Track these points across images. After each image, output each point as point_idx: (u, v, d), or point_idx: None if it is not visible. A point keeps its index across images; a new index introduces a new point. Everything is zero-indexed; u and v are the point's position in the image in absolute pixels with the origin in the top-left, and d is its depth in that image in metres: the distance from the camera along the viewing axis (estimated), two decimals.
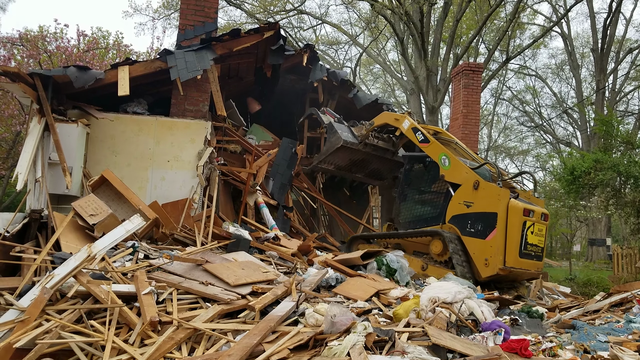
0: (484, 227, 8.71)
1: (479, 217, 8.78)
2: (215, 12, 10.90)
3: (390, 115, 10.83)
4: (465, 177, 9.12)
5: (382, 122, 10.82)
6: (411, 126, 10.12)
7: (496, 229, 8.54)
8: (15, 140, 16.45)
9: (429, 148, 9.74)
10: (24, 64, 16.27)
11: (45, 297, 4.99)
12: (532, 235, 8.74)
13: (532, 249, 8.78)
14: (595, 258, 27.14)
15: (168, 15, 28.84)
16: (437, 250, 9.24)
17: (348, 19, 40.20)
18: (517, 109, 42.31)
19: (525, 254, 8.67)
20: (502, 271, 8.47)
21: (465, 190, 9.07)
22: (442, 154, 9.50)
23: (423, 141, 9.81)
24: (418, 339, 4.83)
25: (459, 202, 9.10)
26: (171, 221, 8.16)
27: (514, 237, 8.54)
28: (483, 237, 8.69)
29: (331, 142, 10.97)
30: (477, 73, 16.21)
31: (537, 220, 8.79)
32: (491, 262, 8.53)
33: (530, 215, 8.69)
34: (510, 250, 8.53)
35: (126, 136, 9.23)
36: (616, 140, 15.27)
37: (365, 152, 11.14)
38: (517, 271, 8.62)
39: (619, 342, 5.28)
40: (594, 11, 30.20)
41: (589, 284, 14.41)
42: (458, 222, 9.08)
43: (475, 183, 8.89)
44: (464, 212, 8.99)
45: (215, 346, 4.71)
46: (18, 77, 8.05)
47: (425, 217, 9.91)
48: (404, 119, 10.39)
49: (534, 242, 8.78)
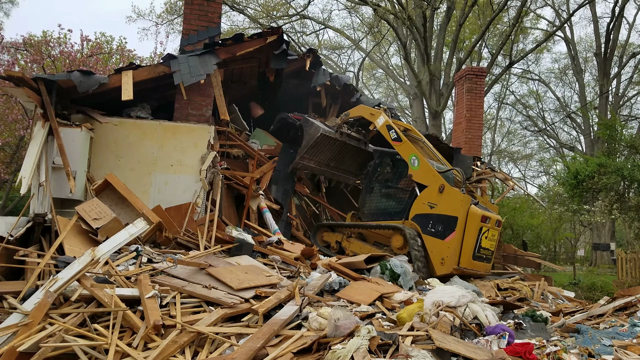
0: (443, 229, 9.23)
1: (441, 219, 9.29)
2: (219, 17, 10.93)
3: (367, 109, 11.06)
4: (432, 179, 9.54)
5: (357, 115, 11.08)
6: (385, 123, 10.40)
7: (455, 231, 9.09)
8: (19, 144, 16.49)
9: (400, 147, 10.09)
10: (28, 69, 16.32)
11: (49, 301, 4.98)
12: (486, 240, 9.38)
13: (485, 253, 9.44)
14: (599, 263, 27.05)
15: (171, 21, 28.97)
16: (397, 244, 9.70)
17: (351, 23, 40.39)
18: (521, 114, 42.30)
19: (478, 256, 9.31)
20: (456, 271, 9.04)
21: (430, 192, 9.51)
22: (413, 154, 9.87)
23: (396, 139, 10.15)
24: (422, 342, 4.81)
25: (424, 203, 9.56)
26: (174, 225, 8.17)
27: (470, 241, 9.15)
28: (442, 238, 9.21)
29: (310, 135, 11.08)
30: (480, 77, 16.21)
31: (492, 226, 9.44)
32: (447, 262, 9.06)
33: (487, 221, 9.31)
34: (465, 253, 9.14)
35: (130, 140, 9.24)
36: (620, 145, 15.26)
37: (342, 142, 11.34)
38: (468, 272, 9.23)
39: (624, 346, 5.26)
40: (597, 16, 30.25)
41: (593, 288, 14.38)
42: (420, 221, 9.55)
43: (441, 187, 9.35)
44: (427, 213, 9.48)
45: (219, 350, 4.71)
46: (22, 81, 8.07)
47: (389, 211, 10.41)
48: (380, 114, 10.61)
49: (487, 246, 9.45)
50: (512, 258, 12.92)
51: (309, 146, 11.05)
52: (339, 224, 11.13)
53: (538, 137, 42.34)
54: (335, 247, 10.71)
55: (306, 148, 11.09)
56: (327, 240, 10.91)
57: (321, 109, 13.85)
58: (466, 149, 15.17)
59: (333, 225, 11.16)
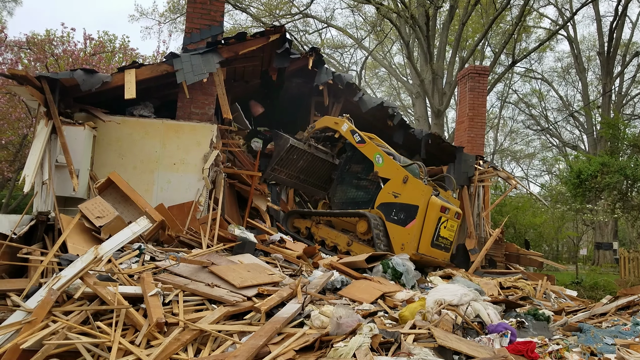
0: (405, 217, 9.86)
1: (403, 207, 9.93)
2: (222, 16, 10.92)
3: (331, 119, 11.72)
4: (396, 172, 10.24)
5: (322, 125, 11.75)
6: (349, 129, 11.16)
7: (415, 219, 9.72)
8: (22, 143, 16.52)
9: (365, 148, 10.86)
10: (31, 68, 16.35)
11: (52, 299, 5.00)
12: (445, 229, 9.98)
13: (443, 241, 10.03)
14: (602, 262, 27.01)
15: (174, 19, 28.98)
16: (362, 229, 10.23)
17: (354, 22, 40.33)
18: (523, 112, 42.23)
19: (437, 244, 9.91)
20: (415, 256, 9.48)
21: (394, 183, 10.18)
22: (377, 153, 10.61)
23: (360, 142, 10.94)
24: (424, 340, 4.81)
25: (388, 192, 10.21)
26: (177, 223, 8.18)
27: (429, 229, 9.76)
28: (403, 225, 9.83)
29: (280, 146, 11.57)
30: (483, 76, 16.16)
31: (451, 217, 10.06)
32: (407, 247, 9.65)
33: (446, 212, 9.93)
34: (424, 240, 9.75)
35: (133, 139, 9.26)
36: (623, 144, 15.23)
37: (311, 155, 11.85)
38: (427, 258, 9.79)
39: (626, 345, 5.26)
40: (600, 14, 30.20)
41: (596, 287, 14.35)
42: (384, 209, 10.19)
43: (405, 177, 10.03)
44: (391, 202, 10.13)
45: (221, 347, 4.72)
46: (25, 80, 8.08)
47: (357, 200, 11.04)
48: (343, 122, 11.35)
49: (445, 236, 10.02)
50: (514, 257, 12.91)
51: (279, 157, 11.50)
52: (309, 212, 11.63)
53: (541, 136, 42.31)
54: (304, 232, 11.24)
55: (276, 159, 11.55)
56: (297, 227, 11.43)
57: (324, 108, 13.84)
58: (469, 147, 15.15)
59: (303, 213, 11.64)
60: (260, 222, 10.44)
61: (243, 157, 11.42)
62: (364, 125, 13.49)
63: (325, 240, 10.81)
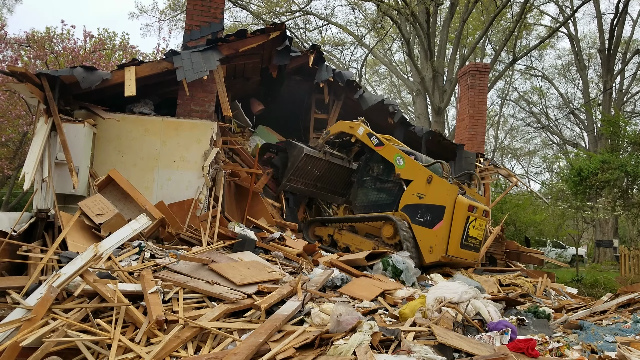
0: (432, 218, 9.47)
1: (429, 208, 9.55)
2: (222, 13, 10.90)
3: (345, 123, 11.32)
4: (419, 173, 9.82)
5: (337, 131, 11.37)
6: (366, 132, 10.76)
7: (443, 220, 9.32)
8: (22, 140, 16.52)
9: (383, 150, 10.44)
10: (31, 65, 16.34)
11: (52, 296, 5.00)
12: (473, 229, 9.60)
13: (472, 241, 9.66)
14: (602, 259, 26.98)
15: (174, 17, 28.92)
16: (388, 234, 9.88)
17: (354, 19, 40.18)
18: (524, 110, 42.19)
19: (466, 245, 9.52)
20: (444, 258, 9.30)
21: (418, 183, 9.78)
22: (397, 154, 10.19)
23: (378, 144, 10.51)
24: (424, 338, 4.81)
25: (412, 193, 9.81)
26: (177, 221, 8.17)
27: (457, 230, 9.37)
28: (430, 227, 9.44)
29: (294, 156, 11.32)
30: (484, 73, 16.15)
31: (479, 216, 9.65)
32: (435, 250, 9.28)
33: (474, 211, 9.53)
34: (453, 241, 9.36)
35: (132, 136, 9.25)
36: (623, 141, 15.21)
37: (327, 162, 11.58)
38: (456, 260, 9.47)
39: (627, 343, 5.25)
40: (601, 12, 30.09)
41: (596, 285, 14.35)
42: (409, 211, 9.79)
43: (429, 177, 9.61)
44: (416, 203, 9.73)
45: (221, 345, 4.72)
46: (25, 77, 8.07)
47: (379, 203, 10.62)
48: (359, 126, 10.96)
49: (474, 235, 9.66)
50: (514, 254, 12.91)
51: (294, 167, 11.27)
52: (330, 219, 11.32)
53: (541, 133, 42.27)
54: (327, 240, 10.91)
55: (292, 169, 11.31)
56: (318, 235, 11.12)
57: (324, 105, 13.83)
58: (469, 145, 15.15)
59: (324, 220, 11.32)
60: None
61: (245, 155, 11.39)
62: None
63: (349, 246, 10.39)
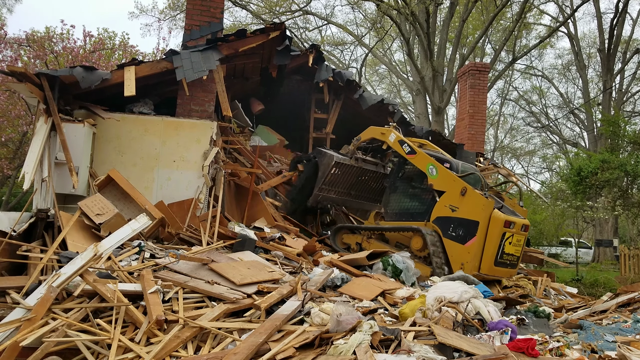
0: (464, 233, 8.91)
1: (462, 222, 8.97)
2: (221, 13, 10.91)
3: (376, 129, 10.92)
4: (453, 184, 9.23)
5: (368, 137, 10.97)
6: (397, 139, 10.25)
7: (476, 237, 8.74)
8: (22, 140, 16.53)
9: (415, 159, 9.87)
10: (31, 65, 16.35)
11: (52, 296, 5.00)
12: (510, 245, 8.94)
13: (508, 258, 9.02)
14: (602, 259, 26.98)
15: (174, 16, 28.93)
16: (417, 246, 9.39)
17: (354, 19, 40.15)
18: (524, 110, 42.21)
19: (501, 262, 8.90)
20: (476, 277, 8.53)
21: (452, 195, 9.21)
22: (429, 164, 9.62)
23: (410, 152, 9.95)
24: (424, 338, 4.81)
25: (445, 205, 9.25)
26: (177, 221, 8.17)
27: (491, 247, 8.76)
28: (462, 243, 8.90)
29: (324, 165, 10.91)
30: (484, 73, 16.17)
31: (517, 231, 8.98)
32: (466, 267, 8.72)
33: (510, 226, 8.87)
34: (487, 259, 8.77)
35: (132, 136, 9.25)
36: (623, 141, 15.22)
37: (359, 169, 11.18)
38: (490, 278, 8.87)
39: (627, 342, 5.24)
40: (601, 11, 30.09)
41: (596, 284, 14.33)
42: (441, 224, 9.24)
43: (463, 189, 9.02)
44: (449, 216, 9.16)
45: (221, 345, 4.72)
46: (25, 77, 8.07)
47: (411, 211, 10.08)
48: (390, 132, 10.47)
49: (511, 252, 9.00)
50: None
51: (325, 176, 10.84)
52: (359, 226, 10.81)
53: (541, 133, 42.28)
54: (355, 248, 10.41)
55: (323, 179, 10.87)
56: (347, 242, 10.65)
57: (324, 105, 13.84)
58: (469, 145, 15.15)
59: (353, 228, 10.79)
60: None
61: (247, 154, 11.38)
62: (364, 122, 13.48)
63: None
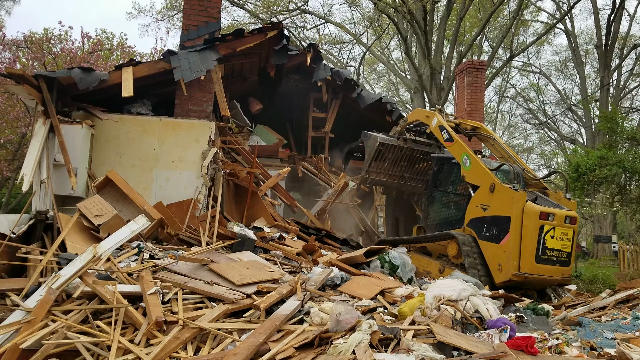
0: (498, 231, 8.45)
1: (494, 220, 8.54)
2: (219, 12, 10.91)
3: (422, 112, 10.67)
4: (484, 178, 8.86)
5: (414, 119, 10.73)
6: (438, 124, 9.82)
7: (510, 233, 8.24)
8: (21, 142, 16.51)
9: (452, 147, 9.51)
10: (29, 66, 16.33)
11: (51, 298, 5.00)
12: (553, 239, 8.35)
13: (554, 254, 8.37)
14: (601, 255, 27.03)
15: (171, 16, 28.89)
16: (453, 252, 9.05)
17: (351, 18, 40.10)
18: (521, 107, 42.17)
19: (544, 259, 8.28)
20: (516, 277, 8.18)
21: (482, 193, 8.84)
22: (464, 153, 9.21)
23: (448, 140, 9.57)
24: (423, 336, 4.82)
25: (476, 206, 8.90)
26: (176, 221, 8.17)
27: (529, 242, 8.22)
28: (497, 242, 8.44)
29: (370, 147, 10.70)
30: (481, 71, 16.18)
31: (559, 223, 8.37)
32: (504, 267, 8.23)
33: (549, 218, 8.30)
34: (526, 256, 8.20)
35: (130, 137, 9.25)
36: (621, 137, 15.23)
37: (410, 150, 10.88)
38: (534, 277, 8.27)
39: (626, 339, 5.26)
40: (598, 7, 30.07)
41: (595, 281, 14.35)
42: (475, 226, 8.87)
43: (491, 186, 8.63)
44: (481, 216, 8.77)
45: (221, 345, 4.73)
46: (23, 79, 8.08)
47: (450, 219, 9.74)
48: (434, 116, 10.12)
49: (556, 247, 8.39)
50: None
51: (371, 158, 10.69)
52: (400, 239, 10.42)
53: (539, 130, 42.23)
54: None
55: (369, 161, 10.72)
56: None
57: (322, 104, 13.84)
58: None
59: (395, 241, 10.32)
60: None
61: (245, 153, 11.36)
62: (362, 121, 13.50)
63: (417, 268, 9.08)
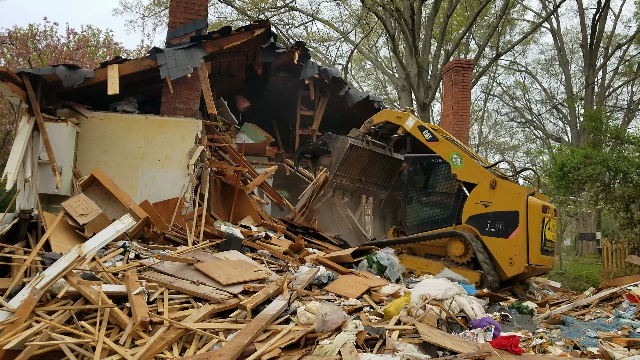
0: (505, 226, 8.60)
1: (499, 216, 8.65)
2: (205, 10, 10.85)
3: (392, 112, 10.38)
4: (480, 176, 8.95)
5: (382, 120, 10.35)
6: (417, 124, 9.73)
7: (519, 227, 8.46)
8: (5, 139, 16.35)
9: (438, 147, 9.48)
10: (14, 63, 16.17)
11: (35, 298, 4.97)
12: (549, 231, 8.78)
13: (550, 245, 8.85)
14: (585, 252, 27.29)
15: (158, 13, 28.71)
16: (457, 251, 9.00)
17: (339, 15, 40.20)
18: (507, 105, 42.42)
19: (545, 250, 8.69)
20: (527, 269, 8.45)
21: (481, 190, 8.89)
22: (453, 152, 9.26)
23: (431, 140, 9.50)
24: (409, 336, 4.84)
25: (476, 202, 8.92)
26: (162, 220, 8.13)
27: (535, 234, 8.53)
28: (505, 236, 8.57)
29: (338, 149, 10.17)
30: (468, 69, 16.26)
31: (552, 216, 8.84)
32: (516, 260, 8.43)
33: (547, 211, 8.71)
34: (533, 248, 8.53)
35: (116, 135, 9.19)
36: (605, 136, 15.38)
37: (370, 153, 10.52)
38: (539, 268, 8.68)
39: (609, 338, 5.32)
40: (583, 7, 30.30)
41: (579, 278, 14.52)
42: (476, 223, 8.89)
43: (492, 182, 8.74)
44: (483, 212, 8.82)
45: (207, 346, 4.72)
46: (6, 76, 7.98)
47: (434, 218, 9.68)
48: (408, 116, 9.95)
49: (551, 238, 8.85)
50: None
51: (340, 161, 10.03)
52: (385, 242, 10.09)
53: (525, 128, 42.51)
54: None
55: (338, 164, 10.07)
56: None
57: (310, 102, 13.83)
58: None
59: (380, 244, 9.97)
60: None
61: (233, 152, 11.33)
62: (350, 119, 13.52)
63: (414, 271, 9.22)
